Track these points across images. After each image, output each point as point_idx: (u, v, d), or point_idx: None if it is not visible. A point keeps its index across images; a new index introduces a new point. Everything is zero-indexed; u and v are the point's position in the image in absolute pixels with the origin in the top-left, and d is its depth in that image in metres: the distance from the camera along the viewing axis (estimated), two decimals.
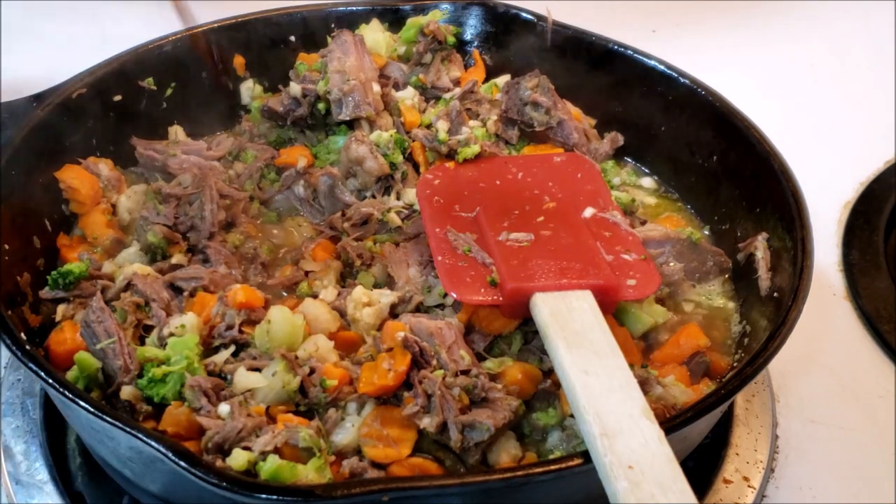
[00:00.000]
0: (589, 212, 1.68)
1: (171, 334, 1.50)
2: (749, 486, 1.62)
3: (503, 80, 2.03)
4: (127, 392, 1.43)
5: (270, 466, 1.29)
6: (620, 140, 2.02)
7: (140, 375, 1.45)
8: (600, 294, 1.47)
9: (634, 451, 1.16)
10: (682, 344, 1.62)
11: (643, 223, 1.81)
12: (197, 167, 1.81)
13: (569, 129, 1.94)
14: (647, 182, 2.01)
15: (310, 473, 1.32)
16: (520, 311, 1.50)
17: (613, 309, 1.54)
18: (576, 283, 1.47)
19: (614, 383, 1.28)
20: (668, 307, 1.69)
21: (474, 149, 1.82)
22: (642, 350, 1.63)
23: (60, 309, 1.59)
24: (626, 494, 1.11)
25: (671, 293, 1.73)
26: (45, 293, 1.59)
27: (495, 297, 1.50)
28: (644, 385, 1.45)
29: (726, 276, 1.77)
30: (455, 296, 1.51)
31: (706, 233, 1.88)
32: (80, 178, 1.77)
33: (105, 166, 1.82)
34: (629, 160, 2.05)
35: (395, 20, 2.08)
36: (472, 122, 1.93)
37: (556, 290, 1.46)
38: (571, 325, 1.39)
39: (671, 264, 1.73)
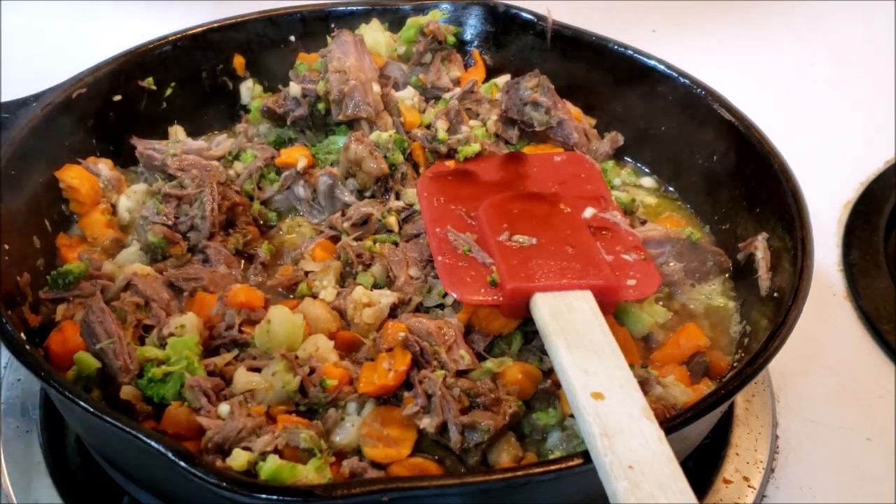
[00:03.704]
0: (589, 212, 1.68)
1: (171, 334, 1.50)
2: (749, 486, 1.62)
3: (503, 79, 2.03)
4: (127, 392, 1.43)
5: (270, 466, 1.29)
6: (620, 140, 2.02)
7: (140, 375, 1.45)
8: (600, 294, 1.47)
9: (634, 451, 1.16)
10: (682, 344, 1.62)
11: (643, 223, 1.81)
12: (197, 167, 1.81)
13: (569, 128, 1.94)
14: (648, 182, 2.01)
15: (310, 473, 1.31)
16: (520, 311, 1.50)
17: (613, 309, 1.54)
18: (576, 284, 1.47)
19: (614, 383, 1.28)
20: (668, 307, 1.70)
21: (474, 147, 1.82)
22: (642, 350, 1.63)
23: (60, 309, 1.59)
24: (627, 494, 1.11)
25: (671, 293, 1.73)
26: (45, 293, 1.59)
27: (495, 298, 1.50)
28: (644, 385, 1.45)
29: (726, 275, 1.77)
30: (455, 296, 1.51)
31: (707, 231, 1.88)
32: (80, 178, 1.77)
33: (105, 166, 1.82)
34: (629, 160, 2.05)
35: (395, 20, 2.08)
36: (471, 122, 1.93)
37: (556, 291, 1.46)
38: (571, 325, 1.39)
39: (671, 264, 1.73)
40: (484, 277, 1.53)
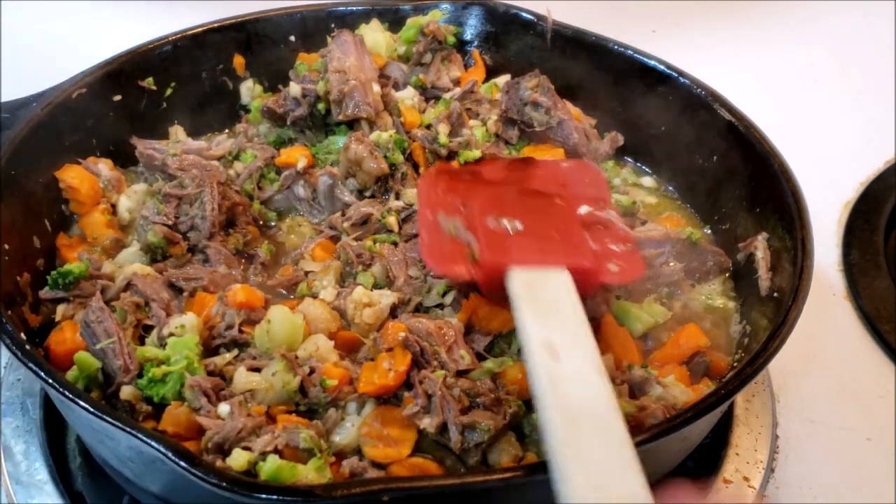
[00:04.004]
0: (585, 209, 1.67)
1: (171, 334, 1.50)
2: (749, 486, 1.62)
3: (503, 80, 2.02)
4: (127, 392, 1.43)
5: (270, 467, 1.29)
6: (620, 140, 2.02)
7: (140, 375, 1.45)
8: (579, 275, 1.46)
9: (580, 400, 1.19)
10: (682, 344, 1.61)
11: (643, 223, 1.81)
12: (197, 167, 1.81)
13: (569, 129, 1.93)
14: (648, 181, 2.01)
15: (310, 473, 1.31)
16: (497, 286, 1.48)
17: (594, 293, 1.53)
18: (553, 260, 1.47)
19: (576, 351, 1.28)
20: (668, 307, 1.69)
21: (475, 153, 1.82)
22: (642, 350, 1.63)
23: (60, 309, 1.58)
24: (558, 428, 1.13)
25: (671, 293, 1.72)
26: (45, 293, 1.59)
27: (473, 271, 1.49)
28: (644, 385, 1.45)
29: (726, 275, 1.77)
30: (433, 268, 1.51)
31: (707, 231, 1.87)
32: (80, 178, 1.77)
33: (105, 166, 1.82)
34: (629, 160, 2.05)
35: (395, 20, 2.08)
36: (471, 122, 1.93)
37: (532, 266, 1.45)
38: (543, 298, 1.38)
39: (671, 264, 1.73)
40: (464, 253, 1.52)
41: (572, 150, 1.93)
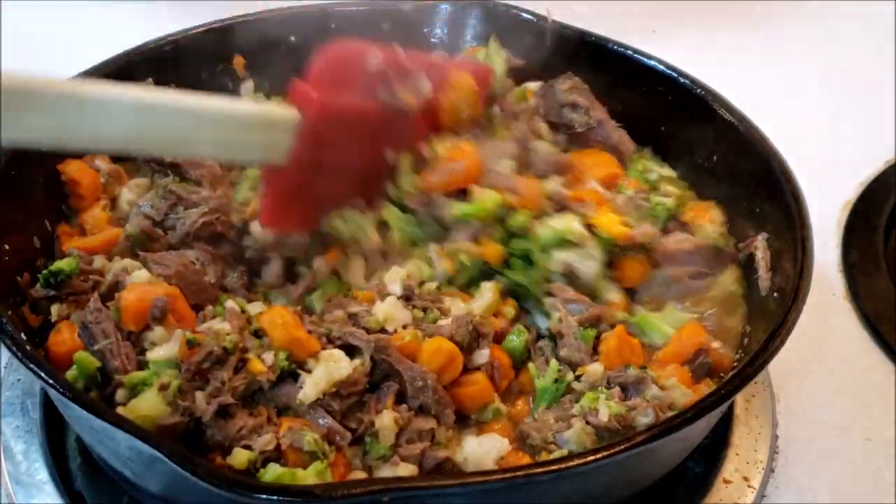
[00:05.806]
0: None
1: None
2: (749, 487, 1.62)
3: (535, 85, 1.99)
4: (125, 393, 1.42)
5: (271, 475, 1.28)
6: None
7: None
8: None
9: None
10: (684, 341, 1.59)
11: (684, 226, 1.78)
12: (210, 172, 1.78)
13: (608, 128, 1.90)
14: (667, 171, 1.94)
15: (310, 478, 1.30)
16: None
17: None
18: None
19: None
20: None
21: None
22: (646, 352, 1.60)
23: (54, 309, 1.55)
24: None
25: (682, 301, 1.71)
26: (38, 291, 1.56)
27: None
28: (639, 384, 1.45)
29: (735, 265, 1.75)
30: None
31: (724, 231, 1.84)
32: (82, 171, 1.76)
33: (102, 161, 1.81)
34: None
35: (397, 19, 2.07)
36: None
37: None
38: None
39: (705, 280, 1.68)
40: None
41: (613, 149, 1.90)
